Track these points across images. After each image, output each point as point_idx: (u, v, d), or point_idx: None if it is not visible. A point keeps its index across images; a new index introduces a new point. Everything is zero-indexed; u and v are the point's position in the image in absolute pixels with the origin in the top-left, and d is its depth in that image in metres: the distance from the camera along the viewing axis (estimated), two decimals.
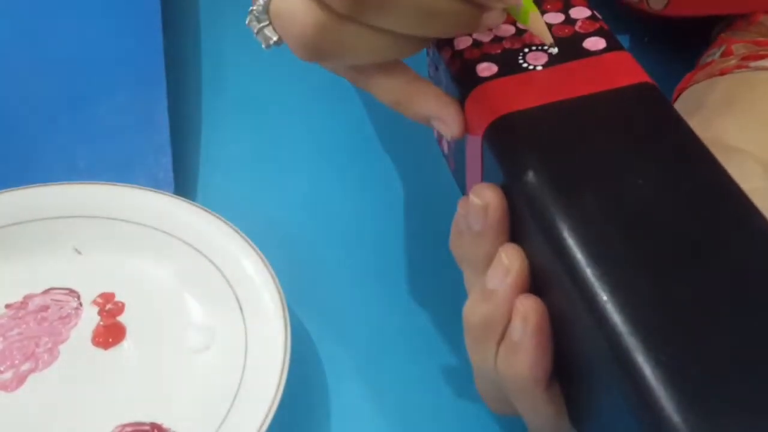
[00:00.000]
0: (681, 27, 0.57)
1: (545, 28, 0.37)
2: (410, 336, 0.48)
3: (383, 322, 0.49)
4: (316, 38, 0.36)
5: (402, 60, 0.39)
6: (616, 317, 0.28)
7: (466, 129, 0.38)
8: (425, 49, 0.42)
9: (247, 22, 0.39)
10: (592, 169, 0.33)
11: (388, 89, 0.39)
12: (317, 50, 0.36)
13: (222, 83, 0.63)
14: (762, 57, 0.49)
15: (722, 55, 0.51)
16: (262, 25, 0.38)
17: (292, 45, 0.37)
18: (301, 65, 0.64)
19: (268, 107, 0.61)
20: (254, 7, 0.38)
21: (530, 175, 0.33)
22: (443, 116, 0.38)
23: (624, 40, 0.63)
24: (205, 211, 0.49)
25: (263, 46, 0.39)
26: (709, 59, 0.52)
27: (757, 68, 0.48)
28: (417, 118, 0.39)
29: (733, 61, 0.50)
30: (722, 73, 0.49)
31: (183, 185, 0.55)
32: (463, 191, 0.42)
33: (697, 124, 0.35)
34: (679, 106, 0.50)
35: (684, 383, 0.26)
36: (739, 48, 0.51)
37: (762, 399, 0.26)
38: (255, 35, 0.39)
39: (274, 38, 0.39)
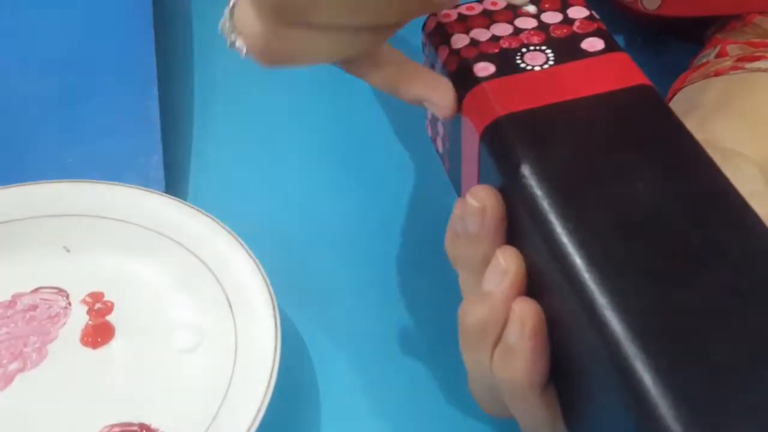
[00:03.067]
0: (675, 27, 0.57)
1: None
2: (403, 337, 0.48)
3: (376, 323, 0.49)
4: (265, 47, 0.37)
5: (388, 44, 0.39)
6: (614, 322, 0.28)
7: (458, 111, 0.38)
8: (421, 48, 0.42)
9: (219, 28, 0.39)
10: (590, 172, 0.32)
11: (378, 77, 0.39)
12: (270, 58, 0.37)
13: (214, 82, 0.62)
14: (757, 58, 0.49)
15: (717, 55, 0.51)
16: (232, 36, 0.39)
17: (250, 50, 0.38)
18: None
19: (260, 107, 0.61)
20: (224, 19, 0.39)
21: (527, 177, 0.32)
22: (432, 98, 0.38)
23: (619, 39, 0.62)
24: (196, 210, 0.49)
25: (241, 55, 0.40)
26: (704, 60, 0.52)
27: (752, 69, 0.48)
28: (409, 101, 0.39)
29: (728, 62, 0.49)
30: (717, 74, 0.49)
31: (174, 184, 0.55)
32: (459, 191, 0.41)
33: (692, 126, 0.35)
34: (674, 106, 0.49)
35: (683, 390, 0.26)
36: (734, 49, 0.51)
37: (762, 406, 0.25)
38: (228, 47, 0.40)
39: (244, 49, 0.39)
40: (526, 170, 0.32)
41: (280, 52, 0.37)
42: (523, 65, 0.37)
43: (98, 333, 0.47)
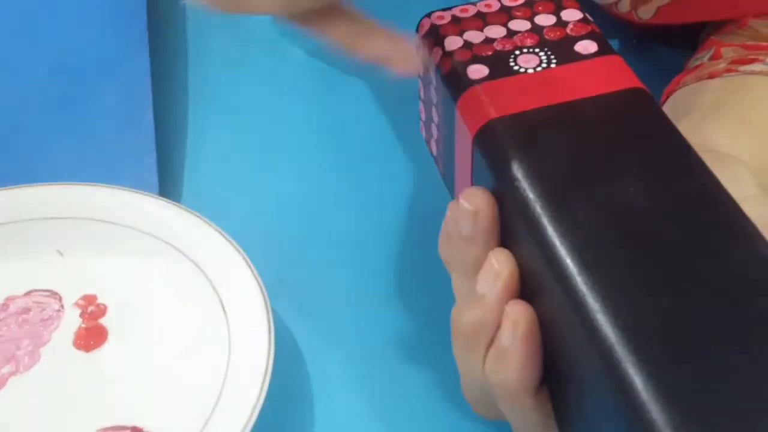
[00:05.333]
0: (670, 30, 0.57)
1: None
2: (397, 339, 0.48)
3: (369, 324, 0.49)
4: None
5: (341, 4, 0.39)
6: (605, 326, 0.28)
7: (417, 72, 0.38)
8: (414, 50, 0.42)
9: None
10: (583, 174, 0.32)
11: (332, 34, 0.39)
12: (218, 3, 0.38)
13: (207, 84, 0.62)
14: (751, 61, 0.49)
15: (711, 58, 0.51)
16: None
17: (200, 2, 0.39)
18: (287, 66, 0.63)
19: (254, 108, 0.61)
20: None
21: (520, 180, 0.32)
22: (393, 56, 0.38)
23: (614, 42, 0.63)
24: (189, 212, 0.49)
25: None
26: (698, 62, 0.52)
27: (746, 72, 0.48)
28: (369, 60, 0.39)
29: (722, 65, 0.49)
30: (711, 77, 0.49)
31: (167, 186, 0.55)
32: (452, 194, 0.41)
33: (686, 128, 0.35)
34: (668, 108, 0.50)
35: (675, 394, 0.26)
36: (728, 51, 0.51)
37: (754, 411, 0.25)
38: None
39: None
40: (518, 173, 0.32)
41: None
42: (516, 68, 0.37)
43: (91, 336, 0.47)
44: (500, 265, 0.33)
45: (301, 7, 0.38)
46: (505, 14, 0.39)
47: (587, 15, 0.40)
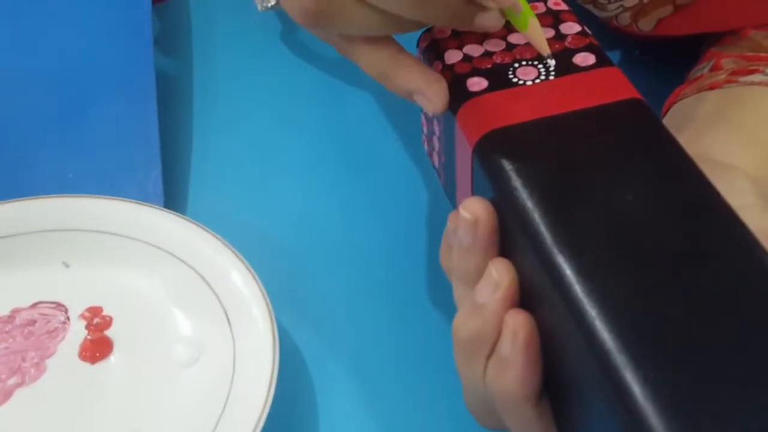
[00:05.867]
0: (671, 42, 0.58)
1: (543, 37, 0.38)
2: (400, 350, 0.48)
3: (373, 335, 0.49)
4: (317, 6, 0.37)
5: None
6: (604, 334, 0.28)
7: (448, 108, 0.38)
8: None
9: None
10: (581, 185, 0.33)
11: (373, 61, 0.40)
12: (316, 17, 0.38)
13: (212, 97, 0.63)
14: (751, 72, 0.49)
15: (711, 69, 0.51)
16: None
17: (291, 9, 0.39)
18: (292, 81, 0.64)
19: (259, 121, 0.61)
20: None
21: (520, 190, 0.33)
22: (425, 91, 0.39)
23: (615, 53, 0.63)
24: (195, 224, 0.49)
25: (258, 8, 0.40)
26: (699, 73, 0.52)
27: (746, 83, 0.48)
28: (400, 92, 0.40)
29: (722, 76, 0.50)
30: (711, 88, 0.49)
31: (172, 198, 0.55)
32: (454, 205, 0.42)
33: (686, 139, 0.35)
34: (669, 120, 0.50)
35: (672, 401, 0.26)
36: (728, 63, 0.51)
37: (749, 416, 0.26)
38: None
39: (272, 2, 0.39)
40: (517, 183, 0.33)
41: (327, 14, 0.37)
42: (515, 80, 0.38)
43: (96, 348, 0.47)
44: (500, 274, 0.33)
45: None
46: (504, 28, 0.40)
47: (585, 28, 0.40)
